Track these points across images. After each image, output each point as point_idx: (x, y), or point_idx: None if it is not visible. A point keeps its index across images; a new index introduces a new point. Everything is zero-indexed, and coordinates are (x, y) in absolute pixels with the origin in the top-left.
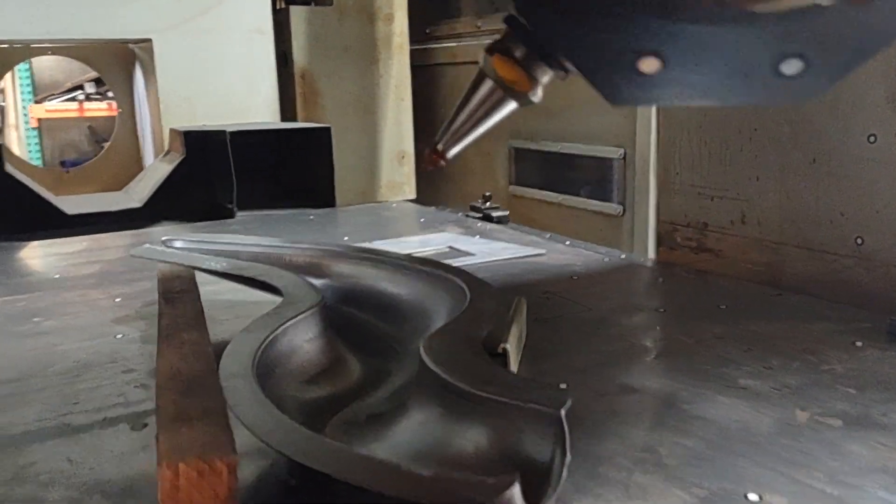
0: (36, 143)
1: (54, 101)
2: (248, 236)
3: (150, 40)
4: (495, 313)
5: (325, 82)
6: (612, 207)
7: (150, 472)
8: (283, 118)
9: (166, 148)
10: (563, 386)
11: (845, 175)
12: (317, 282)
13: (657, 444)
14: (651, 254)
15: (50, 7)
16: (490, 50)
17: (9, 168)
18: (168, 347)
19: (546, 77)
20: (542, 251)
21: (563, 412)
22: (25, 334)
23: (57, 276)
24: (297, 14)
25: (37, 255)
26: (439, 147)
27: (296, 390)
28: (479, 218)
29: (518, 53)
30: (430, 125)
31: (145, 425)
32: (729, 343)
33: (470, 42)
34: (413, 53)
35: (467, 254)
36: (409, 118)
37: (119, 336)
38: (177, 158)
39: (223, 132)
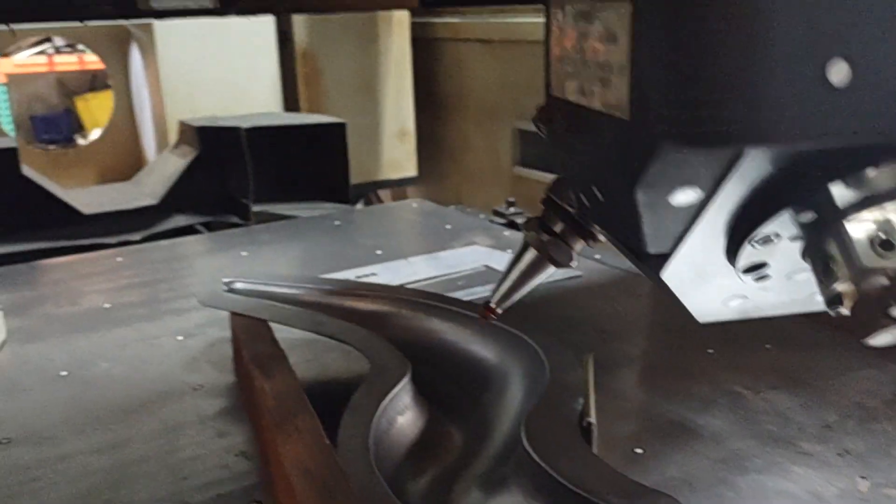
0: (5, 100)
1: (23, 55)
2: (306, 277)
3: (150, 22)
4: (577, 385)
5: (326, 61)
6: None
7: None
8: (286, 99)
9: (170, 135)
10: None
11: None
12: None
13: None
14: None
15: None
16: (533, 227)
17: (25, 170)
18: (287, 438)
19: (580, 245)
20: (579, 273)
21: None
22: (101, 385)
23: (107, 305)
24: None
25: (75, 275)
26: (492, 305)
27: (406, 470)
28: (504, 225)
29: (557, 229)
30: (431, 101)
31: (259, 503)
32: (784, 395)
33: (472, 20)
34: (414, 27)
35: None
36: (410, 95)
37: (196, 389)
38: (190, 153)
39: (238, 129)
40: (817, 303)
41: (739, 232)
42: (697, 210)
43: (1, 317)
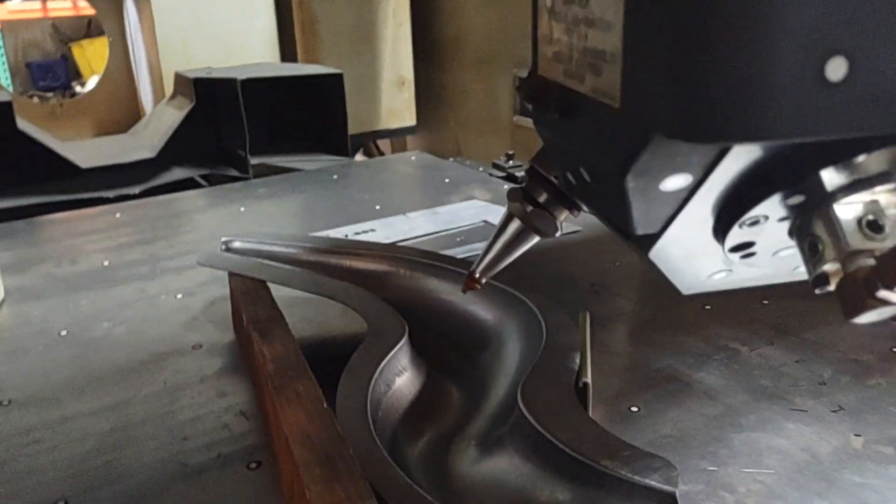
0: None
1: (16, 1)
2: (304, 236)
3: None
4: (573, 345)
5: (322, 9)
6: None
7: None
8: (282, 49)
9: (166, 86)
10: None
11: None
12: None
13: (736, 484)
14: None
15: None
16: (517, 198)
17: (20, 124)
18: (286, 404)
19: (564, 215)
20: (578, 227)
21: (677, 492)
22: (101, 345)
23: (106, 262)
24: None
25: (75, 231)
26: (476, 275)
27: (403, 432)
28: (502, 178)
29: (542, 199)
30: (429, 50)
31: (259, 463)
32: (779, 350)
33: None
34: None
35: None
36: (409, 43)
37: (195, 348)
38: (186, 105)
39: (234, 80)
40: (800, 274)
41: (728, 214)
42: (687, 194)
43: None
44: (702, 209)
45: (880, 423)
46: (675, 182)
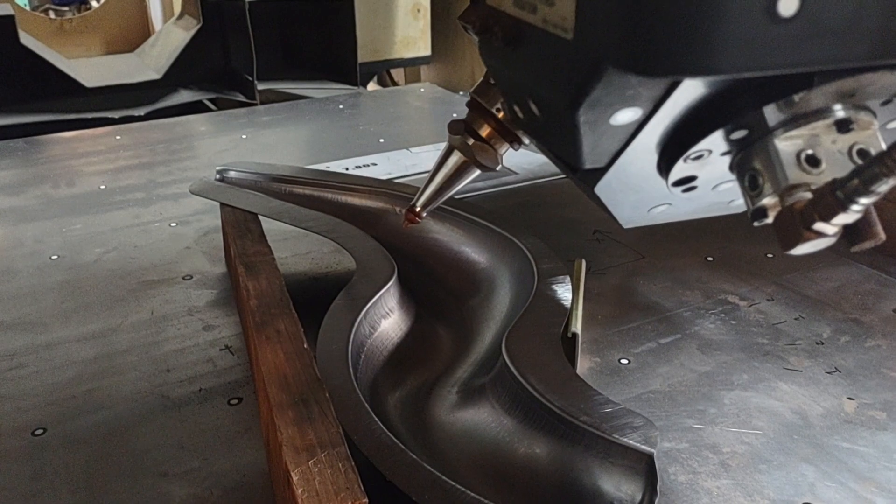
0: None
1: None
2: (303, 168)
3: None
4: (565, 294)
5: None
6: None
7: (260, 463)
8: None
9: (175, 5)
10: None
11: None
12: (380, 233)
13: (721, 444)
14: None
15: None
16: (458, 130)
17: (23, 39)
18: (267, 342)
19: (505, 149)
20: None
21: (655, 452)
22: (91, 271)
23: (102, 186)
24: None
25: (74, 153)
26: (417, 209)
27: (385, 376)
28: None
29: (483, 132)
30: None
31: (240, 399)
32: (779, 307)
33: None
34: None
35: (510, 171)
36: None
37: (185, 278)
38: (193, 26)
39: (242, 1)
40: (736, 207)
41: (673, 149)
42: (635, 128)
43: None
44: (646, 143)
45: (876, 388)
46: (625, 116)
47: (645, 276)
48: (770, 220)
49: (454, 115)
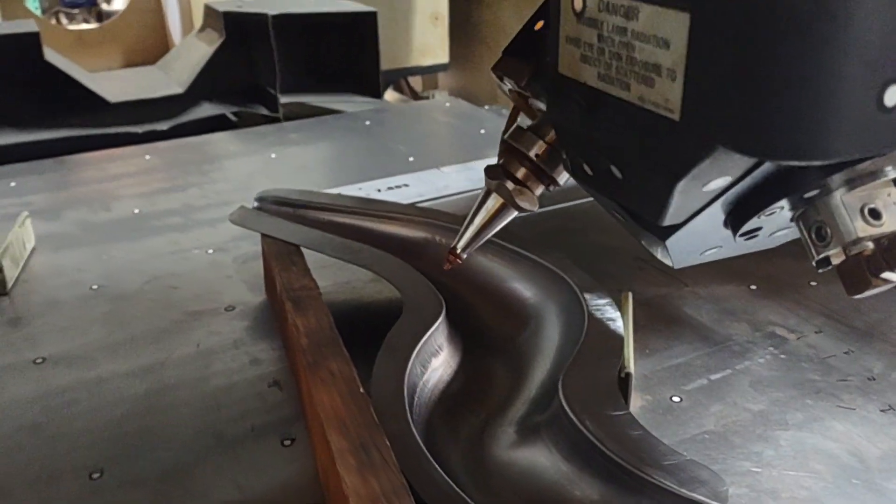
0: None
1: None
2: (340, 195)
3: None
4: (615, 331)
5: None
6: None
7: None
8: None
9: (194, 16)
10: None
11: None
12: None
13: (780, 489)
14: None
15: None
16: (496, 175)
17: (48, 55)
18: (321, 384)
19: (541, 190)
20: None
21: None
22: (135, 301)
23: (136, 210)
24: None
25: (105, 174)
26: (458, 251)
27: (439, 416)
28: None
29: (520, 176)
30: None
31: (293, 440)
32: (828, 340)
33: None
34: None
35: None
36: None
37: (228, 309)
38: (216, 40)
39: (265, 15)
40: (774, 241)
41: (748, 207)
42: (722, 192)
43: (28, 224)
44: (723, 200)
45: None
46: (717, 183)
47: (690, 307)
48: (831, 266)
49: (482, 131)
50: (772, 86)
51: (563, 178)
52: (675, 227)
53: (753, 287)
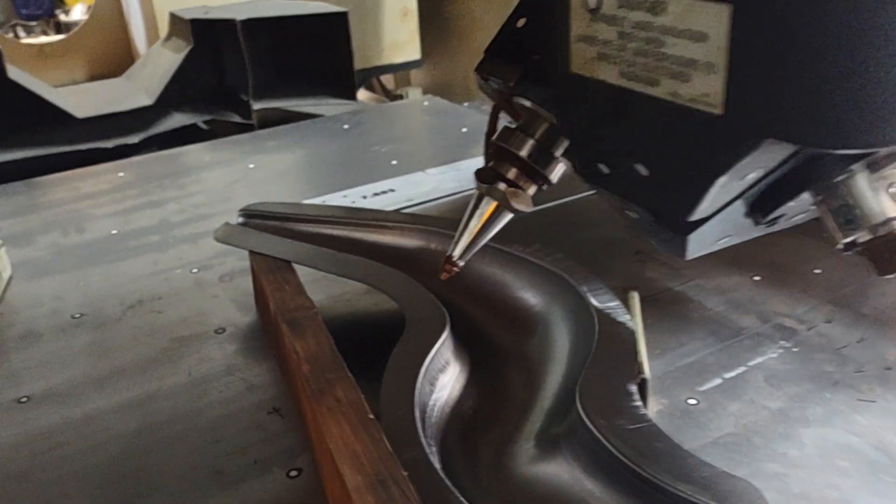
0: None
1: None
2: (328, 206)
3: None
4: (626, 334)
5: None
6: None
7: None
8: None
9: (159, 25)
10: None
11: None
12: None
13: (810, 490)
14: None
15: None
16: (488, 178)
17: (11, 73)
18: (329, 413)
19: (533, 189)
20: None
21: None
22: (118, 329)
23: (114, 231)
24: None
25: (78, 195)
26: (453, 258)
27: (453, 435)
28: None
29: (511, 176)
30: None
31: (300, 470)
32: (839, 329)
33: None
34: None
35: None
36: None
37: (218, 332)
38: (183, 48)
39: (233, 20)
40: (791, 223)
41: (781, 193)
42: (754, 183)
43: (3, 252)
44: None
45: None
46: (753, 175)
47: (696, 301)
48: (858, 248)
49: (464, 129)
50: (832, 74)
51: (556, 175)
52: (700, 222)
53: (757, 278)
